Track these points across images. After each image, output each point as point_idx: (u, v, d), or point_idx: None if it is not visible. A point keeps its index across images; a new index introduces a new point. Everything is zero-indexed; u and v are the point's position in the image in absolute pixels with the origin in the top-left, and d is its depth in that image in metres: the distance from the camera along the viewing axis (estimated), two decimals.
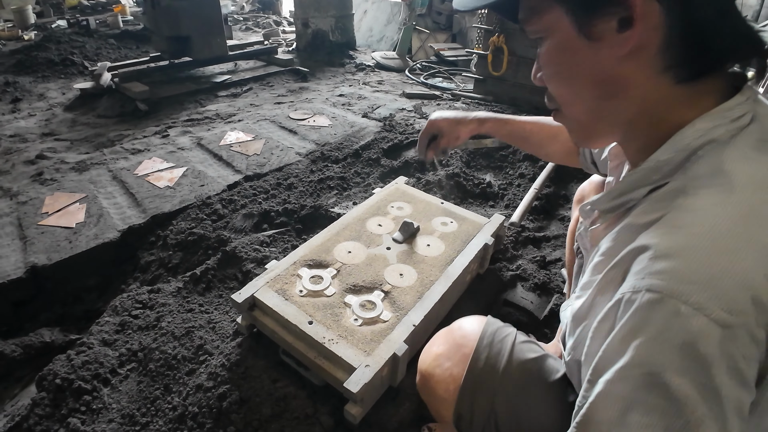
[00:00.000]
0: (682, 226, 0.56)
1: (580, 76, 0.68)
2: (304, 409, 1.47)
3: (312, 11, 5.97)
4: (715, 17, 0.59)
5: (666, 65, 0.62)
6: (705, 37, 0.59)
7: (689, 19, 0.59)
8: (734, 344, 0.51)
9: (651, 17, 0.59)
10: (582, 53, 0.65)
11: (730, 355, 0.51)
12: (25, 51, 5.65)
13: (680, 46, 0.60)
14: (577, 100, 0.72)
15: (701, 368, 0.51)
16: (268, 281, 1.68)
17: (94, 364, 1.68)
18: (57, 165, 3.15)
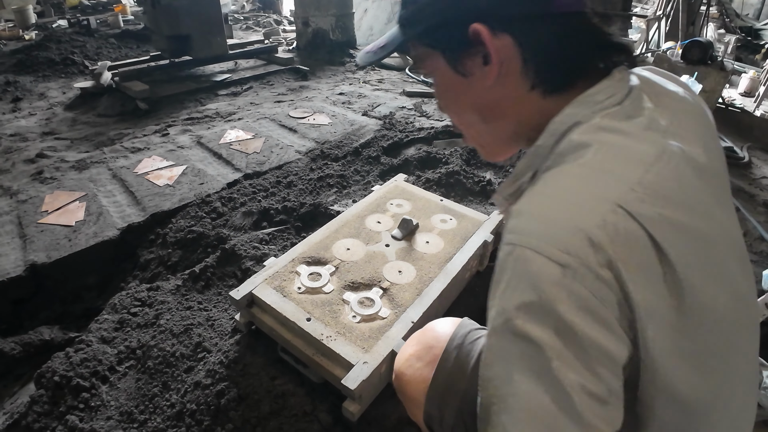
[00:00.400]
0: (535, 193, 0.63)
1: (464, 106, 0.79)
2: (302, 407, 1.47)
3: (312, 10, 5.96)
4: (558, 40, 0.68)
5: (530, 85, 0.71)
6: (553, 57, 0.69)
7: (535, 45, 0.69)
8: (576, 282, 0.55)
9: (505, 50, 0.69)
10: (460, 87, 0.76)
11: (575, 292, 0.55)
12: (26, 51, 5.66)
13: (535, 68, 0.70)
14: (468, 126, 0.83)
15: (548, 306, 0.55)
16: (266, 278, 1.68)
17: (92, 361, 1.68)
18: (57, 164, 3.15)
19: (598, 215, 0.57)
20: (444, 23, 0.72)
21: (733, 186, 3.08)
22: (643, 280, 0.57)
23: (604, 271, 0.55)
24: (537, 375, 0.56)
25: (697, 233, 0.61)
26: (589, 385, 0.55)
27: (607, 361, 0.56)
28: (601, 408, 0.56)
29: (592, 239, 0.56)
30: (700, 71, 4.16)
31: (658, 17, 5.91)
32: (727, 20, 6.88)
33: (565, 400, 0.55)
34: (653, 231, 0.57)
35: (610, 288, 0.56)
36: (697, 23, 5.63)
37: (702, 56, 4.31)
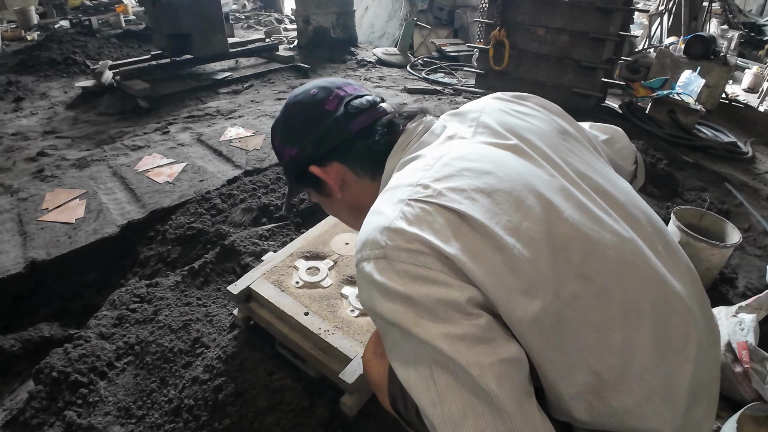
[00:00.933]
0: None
1: (341, 213, 1.14)
2: (299, 402, 1.46)
3: (313, 8, 5.96)
4: (367, 145, 0.98)
5: (371, 178, 1.00)
6: (368, 156, 0.98)
7: (355, 157, 0.99)
8: (395, 262, 0.71)
9: (338, 172, 1.00)
10: (332, 203, 1.09)
11: (397, 269, 0.71)
12: (28, 51, 5.67)
13: (362, 168, 0.99)
14: (353, 222, 1.12)
15: (389, 291, 0.71)
16: (264, 273, 1.66)
17: (91, 357, 1.67)
18: (58, 162, 3.15)
19: (396, 212, 0.75)
20: (299, 173, 1.04)
21: (737, 181, 3.06)
22: (451, 235, 0.71)
23: (414, 244, 0.71)
24: (413, 354, 0.70)
25: (485, 189, 0.76)
26: (453, 329, 0.67)
27: (455, 306, 0.68)
28: (481, 345, 0.67)
29: (394, 228, 0.73)
30: (702, 66, 4.13)
31: (660, 12, 5.88)
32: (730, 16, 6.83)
33: (439, 353, 0.67)
34: (441, 201, 0.74)
35: (426, 254, 0.70)
36: (699, 19, 5.60)
37: (705, 51, 4.28)
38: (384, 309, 0.72)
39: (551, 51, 4.07)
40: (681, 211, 2.13)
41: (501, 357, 0.67)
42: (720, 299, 2.02)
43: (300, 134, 1.01)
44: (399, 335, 0.72)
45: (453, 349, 0.66)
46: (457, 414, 0.66)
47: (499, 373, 0.66)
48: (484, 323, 0.68)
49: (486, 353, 0.67)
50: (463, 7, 6.48)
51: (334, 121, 0.98)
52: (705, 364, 0.79)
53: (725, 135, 3.85)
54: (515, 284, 0.70)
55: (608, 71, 4.04)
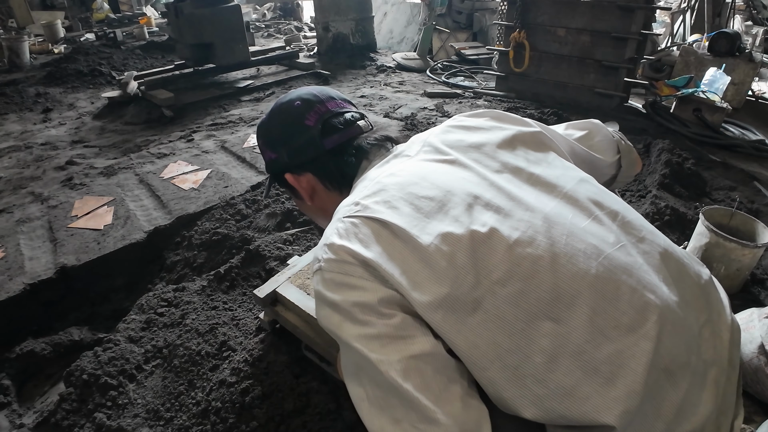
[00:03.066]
0: None
1: (311, 213, 1.22)
2: (326, 405, 1.46)
3: (332, 15, 6.00)
4: (339, 162, 1.06)
5: (339, 192, 1.08)
6: (337, 174, 1.07)
7: (327, 171, 1.08)
8: (326, 272, 0.80)
9: (309, 182, 1.10)
10: (303, 205, 1.18)
11: (326, 279, 0.80)
12: (55, 63, 5.83)
13: (331, 183, 1.09)
14: (321, 221, 1.18)
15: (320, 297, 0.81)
16: (290, 277, 1.68)
17: (120, 360, 1.70)
18: (86, 170, 3.22)
19: (333, 229, 0.85)
20: (275, 175, 1.15)
21: (764, 178, 2.98)
22: (373, 242, 0.80)
23: (339, 254, 0.80)
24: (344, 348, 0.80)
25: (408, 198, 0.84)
26: (368, 330, 0.75)
27: (370, 308, 0.76)
28: (394, 343, 0.74)
29: (328, 244, 0.83)
30: (727, 63, 4.05)
31: (682, 10, 5.79)
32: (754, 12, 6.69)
33: (358, 353, 0.75)
34: (366, 213, 0.83)
35: (349, 263, 0.79)
36: (723, 15, 5.50)
37: (729, 48, 4.20)
38: (319, 315, 0.83)
39: (572, 51, 4.03)
40: (710, 211, 2.08)
41: (411, 353, 0.73)
42: (752, 301, 1.96)
43: (278, 143, 1.10)
44: (335, 337, 0.81)
45: (367, 348, 0.75)
46: (377, 406, 0.75)
47: (406, 367, 0.73)
48: (398, 322, 0.75)
49: (396, 350, 0.74)
50: (481, 10, 6.47)
51: (310, 137, 1.06)
52: (682, 345, 0.77)
53: (753, 133, 3.76)
54: (425, 273, 0.76)
55: (631, 70, 3.99)
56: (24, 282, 2.10)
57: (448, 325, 0.75)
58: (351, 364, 0.80)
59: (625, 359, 0.72)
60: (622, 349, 0.73)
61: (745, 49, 4.29)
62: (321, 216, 1.15)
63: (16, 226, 2.53)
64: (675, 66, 4.65)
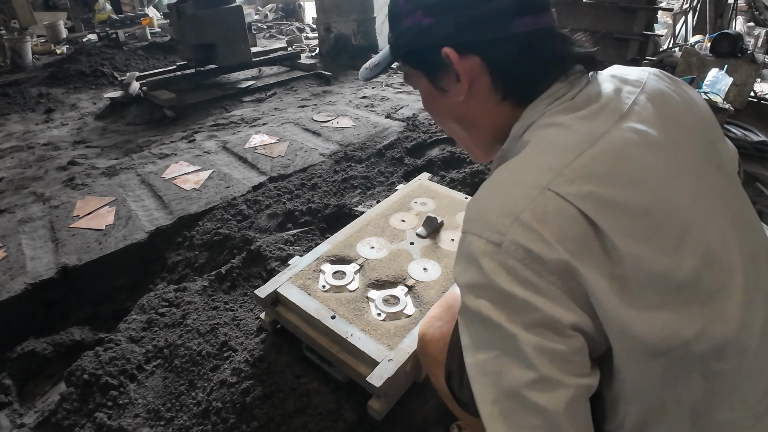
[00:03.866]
0: (481, 188, 0.73)
1: (445, 117, 0.90)
2: (327, 405, 1.46)
3: (334, 16, 6.00)
4: (522, 57, 0.77)
5: (501, 97, 0.80)
6: (519, 73, 0.78)
7: (502, 63, 0.78)
8: (508, 256, 0.63)
9: (473, 69, 0.78)
10: (440, 101, 0.87)
11: (508, 264, 0.63)
12: (58, 64, 5.83)
13: (503, 83, 0.79)
14: (453, 133, 0.94)
15: (489, 282, 0.64)
16: (291, 277, 1.67)
17: (121, 360, 1.70)
18: (88, 170, 3.23)
19: (528, 199, 0.65)
20: (421, 48, 0.82)
21: (766, 179, 2.98)
22: (580, 250, 0.62)
23: (535, 245, 0.62)
24: (489, 344, 0.66)
25: (635, 206, 0.65)
26: (543, 343, 0.62)
27: (552, 324, 0.62)
28: (562, 363, 0.62)
29: (521, 219, 0.63)
30: (730, 64, 4.04)
31: (684, 11, 5.78)
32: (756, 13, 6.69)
33: (519, 355, 0.63)
34: (583, 207, 0.63)
35: (543, 261, 0.62)
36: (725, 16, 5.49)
37: (732, 49, 4.19)
38: (478, 295, 0.66)
39: None
40: None
41: (579, 383, 0.63)
42: None
43: (449, 4, 0.77)
44: (481, 321, 0.66)
45: (536, 355, 0.62)
46: (511, 419, 0.64)
47: (571, 399, 0.62)
48: (578, 346, 0.64)
49: (567, 372, 0.63)
50: None
51: (501, 7, 0.75)
52: None
53: (755, 134, 3.75)
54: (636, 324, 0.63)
55: None
56: (25, 282, 2.11)
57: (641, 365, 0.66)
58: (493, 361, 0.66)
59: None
60: None
61: (748, 50, 4.28)
62: (458, 120, 0.89)
63: (18, 226, 2.54)
64: (677, 67, 4.64)
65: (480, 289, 0.66)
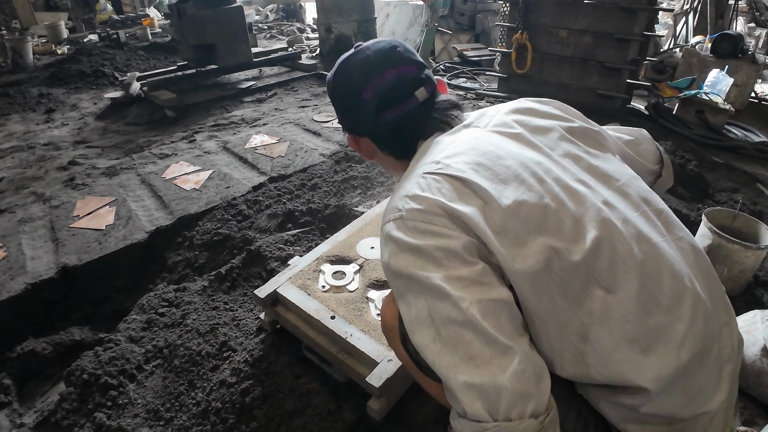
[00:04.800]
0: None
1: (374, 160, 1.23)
2: (326, 405, 1.46)
3: (334, 17, 6.00)
4: (393, 134, 1.10)
5: (393, 156, 1.14)
6: (396, 142, 1.11)
7: (382, 140, 1.12)
8: (407, 220, 0.86)
9: (368, 146, 1.15)
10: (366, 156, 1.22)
11: (408, 226, 0.85)
12: (59, 64, 5.83)
13: (389, 150, 1.14)
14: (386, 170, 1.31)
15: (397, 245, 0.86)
16: (290, 277, 1.67)
17: (120, 360, 1.70)
18: (88, 170, 3.23)
19: (414, 183, 0.91)
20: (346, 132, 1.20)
21: (767, 180, 2.97)
22: (455, 196, 0.86)
23: (424, 204, 0.86)
24: (415, 297, 0.83)
25: (486, 164, 0.90)
26: (451, 273, 0.80)
27: (452, 253, 0.81)
28: (472, 286, 0.79)
29: (410, 193, 0.89)
30: (730, 65, 4.04)
31: (685, 11, 5.78)
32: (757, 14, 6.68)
33: (437, 292, 0.79)
34: (448, 171, 0.89)
35: (431, 213, 0.84)
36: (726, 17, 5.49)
37: (732, 50, 4.19)
38: (397, 260, 0.85)
39: (575, 53, 4.02)
40: (713, 213, 2.07)
41: (490, 297, 0.79)
42: (755, 303, 1.95)
43: (339, 108, 1.18)
44: (405, 283, 0.84)
45: (449, 286, 0.78)
46: (450, 345, 0.77)
47: (485, 308, 0.77)
48: (480, 269, 0.80)
49: (477, 292, 0.78)
50: (484, 11, 6.47)
51: (366, 111, 1.07)
52: (708, 334, 0.85)
53: (756, 135, 3.75)
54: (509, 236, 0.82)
55: (633, 72, 3.98)
56: (25, 282, 2.11)
57: (526, 284, 0.81)
58: (423, 308, 0.81)
59: (661, 335, 0.81)
60: (659, 326, 0.81)
61: (748, 51, 4.28)
62: (388, 168, 1.22)
63: (18, 226, 2.54)
64: (678, 67, 4.64)
65: (396, 255, 0.86)
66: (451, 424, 0.81)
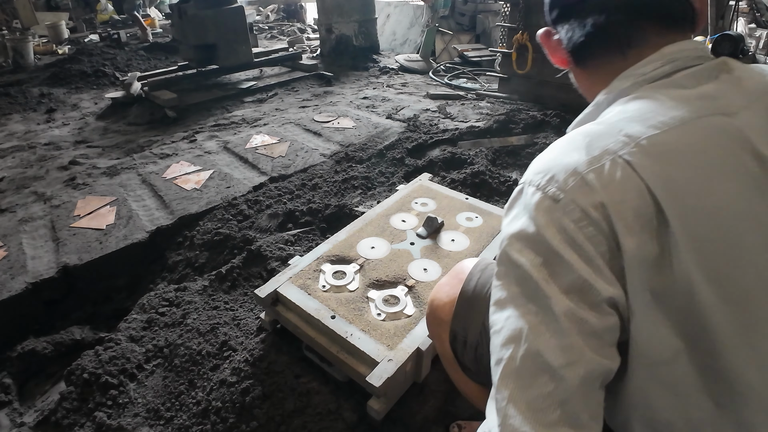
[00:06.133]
0: (554, 143, 0.72)
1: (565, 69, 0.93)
2: (326, 405, 1.46)
3: (335, 17, 6.01)
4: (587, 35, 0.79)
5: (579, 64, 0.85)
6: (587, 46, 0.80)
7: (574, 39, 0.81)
8: (564, 214, 0.62)
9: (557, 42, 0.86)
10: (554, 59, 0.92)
11: (562, 223, 0.62)
12: (59, 64, 5.84)
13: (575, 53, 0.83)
14: None
15: (539, 235, 0.63)
16: (291, 277, 1.68)
17: (121, 359, 1.70)
18: (89, 170, 3.23)
19: (597, 162, 0.63)
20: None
21: None
22: (634, 227, 0.60)
23: (594, 211, 0.61)
24: (521, 300, 0.64)
25: (707, 204, 0.61)
26: (576, 311, 0.61)
27: (590, 293, 0.61)
28: (590, 337, 0.61)
29: (585, 180, 0.62)
30: None
31: None
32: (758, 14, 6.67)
33: (550, 319, 0.61)
34: (652, 184, 0.60)
35: (598, 228, 0.61)
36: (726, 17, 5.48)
37: (733, 50, 4.18)
38: (523, 249, 0.65)
39: None
40: None
41: (602, 362, 0.61)
42: None
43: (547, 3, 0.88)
44: (519, 276, 0.65)
45: (565, 321, 0.61)
46: (527, 375, 0.61)
47: (589, 375, 0.60)
48: (610, 325, 0.62)
49: (592, 348, 0.61)
50: (484, 12, 6.47)
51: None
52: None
53: None
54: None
55: None
56: (26, 281, 2.11)
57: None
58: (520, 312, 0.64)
59: None
60: None
61: (749, 52, 4.28)
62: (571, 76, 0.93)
63: (19, 226, 2.54)
64: None
65: (527, 241, 0.65)
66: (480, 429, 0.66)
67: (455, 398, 1.53)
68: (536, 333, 0.62)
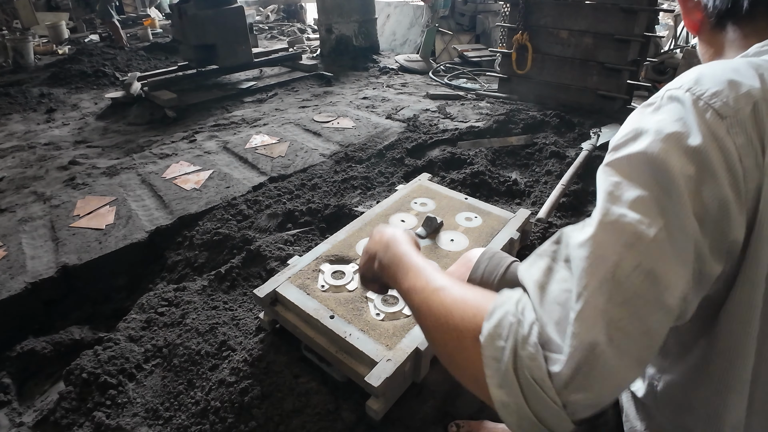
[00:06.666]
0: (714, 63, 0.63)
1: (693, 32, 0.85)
2: (325, 405, 1.46)
3: (335, 17, 6.01)
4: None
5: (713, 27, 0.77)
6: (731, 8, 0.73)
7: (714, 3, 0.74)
8: (728, 134, 0.55)
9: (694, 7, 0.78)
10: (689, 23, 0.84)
11: (724, 142, 0.55)
12: (59, 64, 5.84)
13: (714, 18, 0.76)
14: None
15: (700, 148, 0.54)
16: (290, 277, 1.68)
17: (120, 359, 1.70)
18: (89, 170, 3.23)
19: (762, 90, 0.57)
20: None
21: None
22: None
23: (754, 137, 0.56)
24: (659, 208, 0.54)
25: None
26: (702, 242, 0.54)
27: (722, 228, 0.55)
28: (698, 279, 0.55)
29: (758, 108, 0.56)
30: None
31: None
32: None
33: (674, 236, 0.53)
34: None
35: (756, 162, 0.56)
36: None
37: None
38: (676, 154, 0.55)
39: (575, 53, 4.02)
40: None
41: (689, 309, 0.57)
42: None
43: None
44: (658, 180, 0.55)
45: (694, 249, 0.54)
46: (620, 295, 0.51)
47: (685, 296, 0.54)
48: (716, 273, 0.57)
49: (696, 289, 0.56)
50: (484, 12, 6.47)
51: None
52: None
53: None
54: None
55: (634, 73, 3.98)
56: (25, 281, 2.11)
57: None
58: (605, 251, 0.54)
59: None
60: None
61: None
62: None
63: (19, 225, 2.54)
64: (678, 68, 4.64)
65: (684, 149, 0.55)
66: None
67: (454, 398, 1.53)
68: (647, 242, 0.53)
